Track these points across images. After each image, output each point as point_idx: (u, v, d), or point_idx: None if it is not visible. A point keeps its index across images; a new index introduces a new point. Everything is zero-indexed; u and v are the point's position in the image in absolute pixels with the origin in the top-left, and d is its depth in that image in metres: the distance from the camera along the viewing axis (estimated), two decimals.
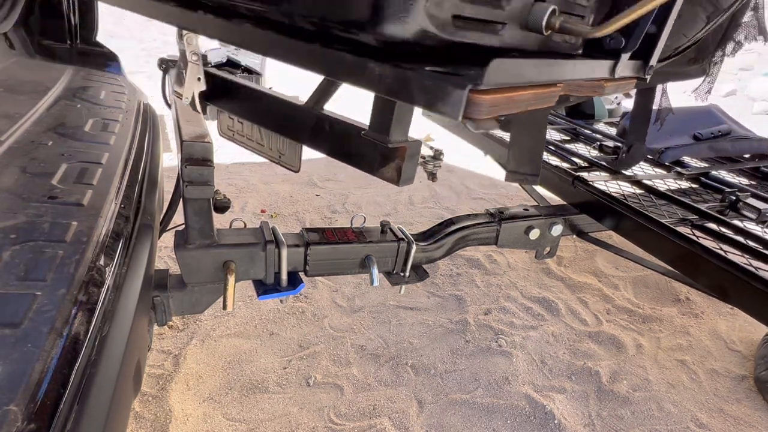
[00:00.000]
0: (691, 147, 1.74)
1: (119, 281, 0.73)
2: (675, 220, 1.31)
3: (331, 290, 2.08)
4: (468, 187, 3.24)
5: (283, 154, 1.45)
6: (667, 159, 1.70)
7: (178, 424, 1.42)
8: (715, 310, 2.15)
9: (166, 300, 1.09)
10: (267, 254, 1.12)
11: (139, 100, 1.43)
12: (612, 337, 1.93)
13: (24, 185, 0.79)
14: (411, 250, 1.26)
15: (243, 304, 1.94)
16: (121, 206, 0.86)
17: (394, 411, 1.53)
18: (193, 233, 1.03)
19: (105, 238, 0.74)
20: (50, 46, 1.65)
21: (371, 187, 3.13)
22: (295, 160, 1.44)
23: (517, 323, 1.96)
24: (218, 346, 1.72)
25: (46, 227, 0.70)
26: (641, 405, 1.63)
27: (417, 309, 2.01)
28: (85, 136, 1.04)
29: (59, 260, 0.64)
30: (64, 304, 0.58)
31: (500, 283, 2.22)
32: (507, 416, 1.55)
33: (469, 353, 1.79)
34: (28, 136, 0.96)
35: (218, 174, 3.06)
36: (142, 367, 0.83)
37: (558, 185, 1.58)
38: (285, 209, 2.75)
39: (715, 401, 1.69)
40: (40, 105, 1.13)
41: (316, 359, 1.71)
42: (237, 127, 1.60)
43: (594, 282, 2.29)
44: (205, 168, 0.93)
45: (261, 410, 1.50)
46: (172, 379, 1.56)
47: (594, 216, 1.45)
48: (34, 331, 0.54)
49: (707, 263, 1.09)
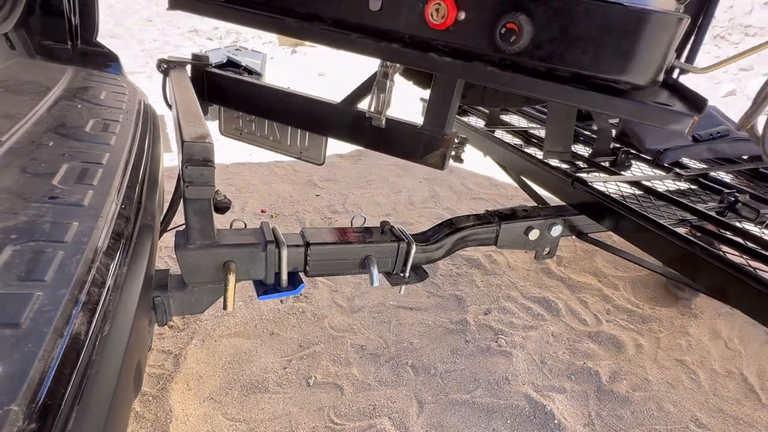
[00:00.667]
0: (690, 148, 1.74)
1: (120, 281, 0.73)
2: (674, 221, 1.31)
3: (331, 290, 2.08)
4: (468, 187, 3.24)
5: (306, 150, 1.65)
6: (666, 160, 1.70)
7: (179, 424, 1.42)
8: (715, 310, 2.15)
9: (166, 300, 1.09)
10: (267, 254, 1.12)
11: (140, 100, 1.43)
12: (612, 337, 1.94)
13: (25, 185, 0.79)
14: (411, 250, 1.26)
15: (243, 304, 1.94)
16: (122, 206, 0.86)
17: (394, 411, 1.53)
18: (193, 233, 1.04)
19: (105, 238, 0.75)
20: (50, 46, 1.65)
21: (371, 187, 3.13)
22: (320, 155, 1.64)
23: (517, 323, 1.97)
24: (218, 346, 1.72)
25: (46, 227, 0.70)
26: (641, 405, 1.64)
27: (417, 309, 2.01)
28: (86, 136, 1.04)
29: (60, 260, 0.65)
30: (65, 304, 0.58)
31: (500, 283, 2.22)
32: (507, 416, 1.55)
33: (469, 353, 1.79)
34: (28, 137, 0.96)
35: (218, 174, 3.07)
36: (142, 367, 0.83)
37: (557, 186, 1.58)
38: (285, 209, 2.75)
39: (715, 401, 1.69)
40: (41, 105, 1.13)
41: (316, 359, 1.71)
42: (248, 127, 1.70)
43: (594, 282, 2.29)
44: (206, 168, 0.93)
45: (261, 410, 1.50)
46: (172, 379, 1.56)
47: (593, 217, 1.45)
48: (35, 331, 0.54)
49: (706, 264, 1.09)
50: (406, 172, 3.40)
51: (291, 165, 3.39)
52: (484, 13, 0.85)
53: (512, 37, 0.82)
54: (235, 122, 1.73)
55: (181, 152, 0.96)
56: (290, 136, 1.64)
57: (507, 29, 0.82)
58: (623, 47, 0.81)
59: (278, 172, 3.25)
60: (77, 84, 1.40)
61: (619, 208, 1.33)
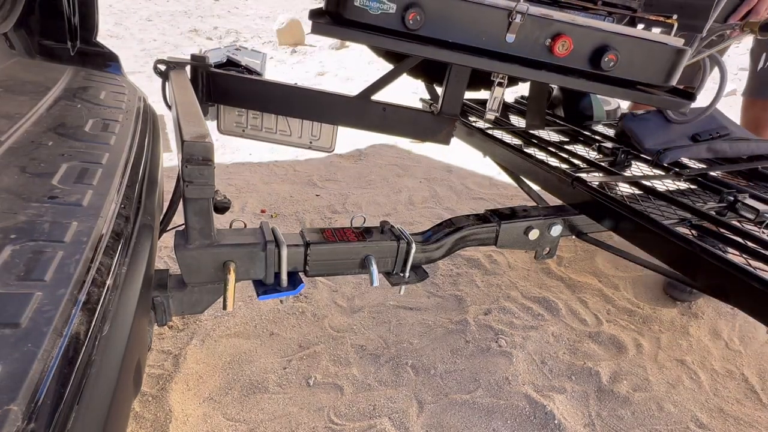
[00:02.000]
0: (690, 148, 1.73)
1: (119, 281, 0.73)
2: (674, 221, 1.31)
3: (331, 290, 2.08)
4: (468, 187, 3.24)
5: (316, 138, 1.85)
6: (666, 160, 1.70)
7: (178, 424, 1.42)
8: (715, 310, 2.15)
9: (166, 300, 1.09)
10: (267, 254, 1.12)
11: (139, 99, 1.43)
12: (612, 337, 1.94)
13: (24, 185, 0.79)
14: (411, 250, 1.26)
15: (243, 304, 1.94)
16: (122, 206, 0.86)
17: (394, 411, 1.53)
18: (193, 233, 1.03)
19: (105, 238, 0.74)
20: (50, 46, 1.65)
21: (371, 187, 3.13)
22: (330, 142, 1.86)
23: (517, 323, 1.97)
24: (218, 346, 1.72)
25: (46, 227, 0.70)
26: (641, 405, 1.64)
27: (417, 309, 2.01)
28: (86, 136, 1.04)
29: (59, 260, 0.65)
30: (65, 304, 0.58)
31: (500, 283, 2.22)
32: (507, 416, 1.55)
33: (469, 353, 1.79)
34: (28, 137, 0.96)
35: (218, 174, 3.07)
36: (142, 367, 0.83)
37: (557, 186, 1.58)
38: (285, 209, 2.75)
39: (716, 401, 1.69)
40: (41, 105, 1.13)
41: (316, 359, 1.71)
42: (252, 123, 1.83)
43: (594, 282, 2.29)
44: (206, 167, 0.93)
45: (261, 410, 1.50)
46: (172, 379, 1.56)
47: (593, 216, 1.45)
48: (35, 331, 0.54)
49: (706, 263, 1.09)
50: (406, 171, 3.40)
51: (291, 165, 3.39)
52: (590, 47, 1.30)
53: (611, 63, 1.30)
54: (237, 119, 1.81)
55: (180, 152, 0.96)
56: (302, 129, 1.81)
57: (609, 58, 1.29)
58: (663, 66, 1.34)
59: (278, 172, 3.25)
60: (77, 84, 1.40)
61: (619, 208, 1.33)
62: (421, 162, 3.64)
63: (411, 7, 1.16)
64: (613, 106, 2.39)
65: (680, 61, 1.33)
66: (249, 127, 1.81)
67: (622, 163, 1.76)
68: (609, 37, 1.28)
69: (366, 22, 1.19)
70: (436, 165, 3.60)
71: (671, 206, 1.40)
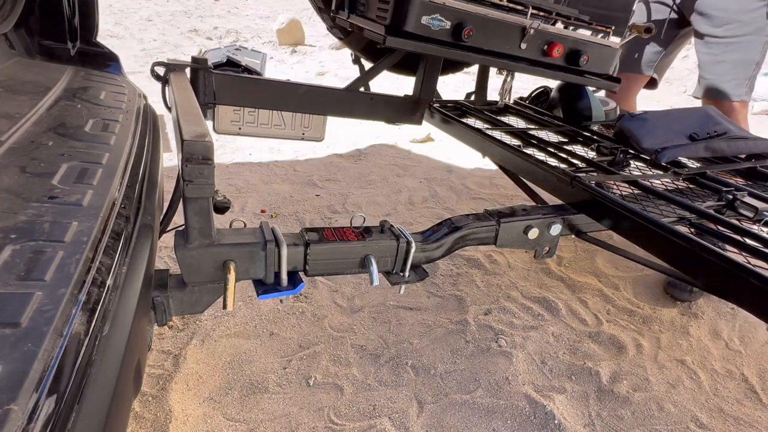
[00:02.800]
0: (688, 147, 1.73)
1: (119, 281, 0.73)
2: (673, 219, 1.31)
3: (331, 290, 2.08)
4: (468, 187, 3.24)
5: (308, 129, 2.06)
6: (664, 159, 1.70)
7: (178, 424, 1.42)
8: (715, 310, 2.15)
9: (166, 300, 1.09)
10: (267, 254, 1.12)
11: (139, 99, 1.43)
12: (612, 337, 1.94)
13: (24, 185, 0.79)
14: (410, 249, 1.26)
15: (243, 304, 1.94)
16: (122, 206, 0.86)
17: (394, 411, 1.53)
18: (193, 233, 1.03)
19: (105, 238, 0.75)
20: (50, 46, 1.65)
21: (371, 187, 3.13)
22: (320, 132, 2.09)
23: (517, 323, 1.97)
24: (218, 346, 1.72)
25: (46, 227, 0.70)
26: (641, 405, 1.64)
27: (417, 309, 2.01)
28: (86, 136, 1.04)
29: (59, 260, 0.65)
30: (65, 304, 0.58)
31: (500, 283, 2.22)
32: (507, 416, 1.55)
33: (469, 353, 1.79)
34: (28, 137, 0.96)
35: (218, 174, 3.07)
36: (142, 367, 0.83)
37: (556, 185, 1.57)
38: (285, 209, 2.75)
39: (716, 401, 1.69)
40: (41, 105, 1.13)
41: (316, 359, 1.71)
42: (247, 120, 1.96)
43: (594, 282, 2.29)
44: (206, 166, 0.93)
45: (261, 410, 1.50)
46: (172, 379, 1.56)
47: (592, 215, 1.45)
48: (35, 331, 0.54)
49: (706, 261, 1.09)
50: (406, 171, 3.41)
51: (291, 165, 3.39)
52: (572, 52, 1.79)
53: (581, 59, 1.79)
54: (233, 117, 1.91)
55: (180, 151, 0.96)
56: (294, 121, 2.01)
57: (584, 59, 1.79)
58: (606, 60, 1.90)
59: (278, 172, 3.25)
60: (77, 84, 1.40)
61: (618, 207, 1.33)
62: (421, 162, 3.64)
63: (463, 24, 1.52)
64: (612, 106, 2.39)
65: (616, 55, 1.94)
66: (245, 124, 1.94)
67: (621, 163, 1.76)
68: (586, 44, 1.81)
69: (425, 35, 1.50)
70: (436, 165, 3.60)
71: (670, 205, 1.40)
